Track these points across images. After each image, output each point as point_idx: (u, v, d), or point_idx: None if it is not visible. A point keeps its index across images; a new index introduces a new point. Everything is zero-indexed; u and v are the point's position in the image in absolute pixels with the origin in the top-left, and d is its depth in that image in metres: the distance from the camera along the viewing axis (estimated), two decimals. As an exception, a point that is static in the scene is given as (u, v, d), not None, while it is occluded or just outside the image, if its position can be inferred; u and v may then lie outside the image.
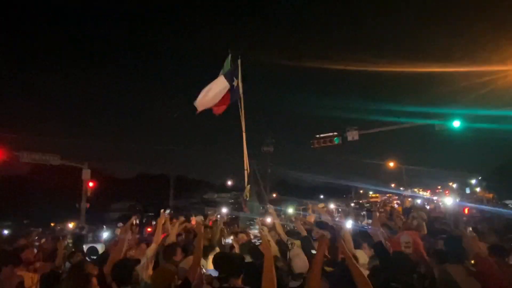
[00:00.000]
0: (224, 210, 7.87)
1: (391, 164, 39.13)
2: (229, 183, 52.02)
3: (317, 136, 16.54)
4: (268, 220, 6.38)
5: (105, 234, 12.19)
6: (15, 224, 25.90)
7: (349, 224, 5.57)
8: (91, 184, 19.18)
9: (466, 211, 13.65)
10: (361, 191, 60.71)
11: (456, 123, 14.32)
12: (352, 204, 30.15)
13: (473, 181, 59.32)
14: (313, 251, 4.08)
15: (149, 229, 11.83)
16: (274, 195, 35.58)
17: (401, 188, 56.79)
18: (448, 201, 17.57)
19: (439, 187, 58.94)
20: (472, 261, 3.55)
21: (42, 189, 27.67)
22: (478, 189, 44.75)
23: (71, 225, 19.76)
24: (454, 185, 57.51)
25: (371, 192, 54.69)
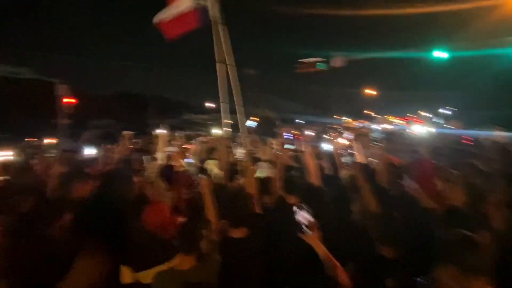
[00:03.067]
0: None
1: (368, 91, 40.05)
2: (208, 104, 51.89)
3: (302, 60, 16.35)
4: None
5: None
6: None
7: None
8: (68, 100, 18.73)
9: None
10: (335, 117, 62.57)
11: (436, 53, 14.53)
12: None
13: (441, 110, 61.92)
14: None
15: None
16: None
17: (373, 114, 58.87)
18: (417, 128, 18.51)
19: (408, 114, 61.30)
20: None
21: (17, 104, 26.59)
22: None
23: (46, 141, 19.64)
24: (423, 113, 59.93)
25: (343, 118, 56.76)
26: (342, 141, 10.97)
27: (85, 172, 3.59)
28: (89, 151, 7.19)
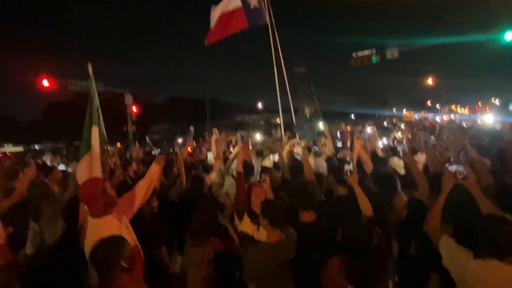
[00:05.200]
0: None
1: (429, 81, 37.20)
2: (260, 105, 52.70)
3: (354, 55, 15.98)
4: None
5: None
6: (67, 146, 28.73)
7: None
8: (134, 108, 20.37)
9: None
10: (394, 110, 59.44)
11: (509, 35, 13.19)
12: (385, 123, 30.05)
13: (517, 98, 55.33)
14: None
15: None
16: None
17: (437, 105, 54.52)
18: (488, 118, 16.81)
19: (480, 103, 55.57)
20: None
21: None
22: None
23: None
24: (497, 101, 54.01)
25: (404, 110, 53.62)
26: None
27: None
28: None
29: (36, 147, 37.91)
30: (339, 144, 8.71)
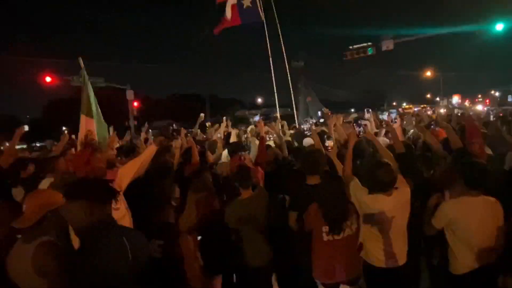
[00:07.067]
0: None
1: (428, 73, 37.29)
2: (259, 100, 53.03)
3: (350, 47, 16.25)
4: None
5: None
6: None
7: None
8: (135, 103, 20.74)
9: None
10: (394, 103, 59.44)
11: (499, 26, 13.46)
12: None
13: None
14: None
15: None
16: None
17: (437, 98, 54.44)
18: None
19: (480, 95, 55.53)
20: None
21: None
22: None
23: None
24: (497, 93, 53.96)
25: (404, 104, 53.57)
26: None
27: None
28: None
29: (38, 144, 38.14)
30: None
